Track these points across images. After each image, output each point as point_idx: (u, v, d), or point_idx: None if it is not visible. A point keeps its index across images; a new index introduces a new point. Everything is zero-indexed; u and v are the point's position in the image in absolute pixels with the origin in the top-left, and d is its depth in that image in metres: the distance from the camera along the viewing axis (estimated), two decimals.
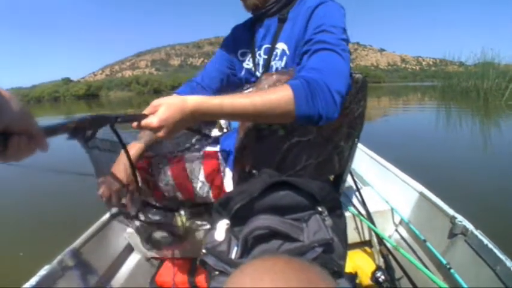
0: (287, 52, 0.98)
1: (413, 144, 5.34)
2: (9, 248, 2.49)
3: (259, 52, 1.07)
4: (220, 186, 1.05)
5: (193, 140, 1.05)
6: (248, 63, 1.13)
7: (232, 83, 1.22)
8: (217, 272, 0.67)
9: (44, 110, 29.23)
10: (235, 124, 1.12)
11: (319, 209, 0.75)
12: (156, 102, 0.73)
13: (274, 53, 1.01)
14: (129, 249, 1.42)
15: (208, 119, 0.76)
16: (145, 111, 0.73)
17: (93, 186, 0.95)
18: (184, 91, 1.18)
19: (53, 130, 0.57)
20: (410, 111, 11.96)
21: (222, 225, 0.74)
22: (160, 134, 0.71)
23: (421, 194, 1.32)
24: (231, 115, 0.76)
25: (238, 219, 0.74)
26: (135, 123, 0.72)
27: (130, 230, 1.23)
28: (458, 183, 3.22)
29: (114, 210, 1.05)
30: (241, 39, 1.15)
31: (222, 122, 1.25)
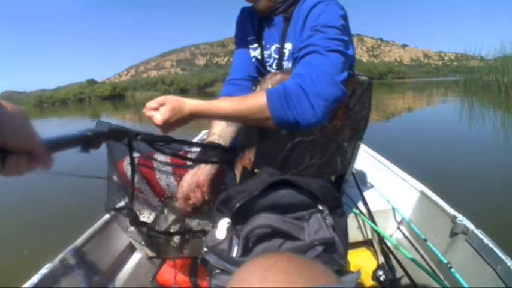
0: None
1: (436, 138, 5.39)
2: (13, 246, 2.53)
3: (269, 51, 1.08)
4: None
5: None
6: (255, 53, 1.14)
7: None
8: (218, 271, 0.68)
9: (69, 111, 29.82)
10: None
11: (320, 207, 0.76)
12: (160, 99, 0.80)
13: (283, 53, 1.03)
14: (130, 248, 1.44)
15: (204, 119, 0.84)
16: (151, 103, 0.79)
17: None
18: (225, 92, 1.18)
19: (61, 145, 0.55)
20: (433, 105, 11.81)
21: (223, 223, 0.75)
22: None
23: (422, 193, 1.33)
24: (220, 118, 0.86)
25: (239, 218, 0.76)
26: (146, 111, 0.79)
27: (132, 228, 1.24)
28: (478, 175, 3.32)
29: (122, 204, 1.06)
30: (249, 25, 1.15)
31: None
